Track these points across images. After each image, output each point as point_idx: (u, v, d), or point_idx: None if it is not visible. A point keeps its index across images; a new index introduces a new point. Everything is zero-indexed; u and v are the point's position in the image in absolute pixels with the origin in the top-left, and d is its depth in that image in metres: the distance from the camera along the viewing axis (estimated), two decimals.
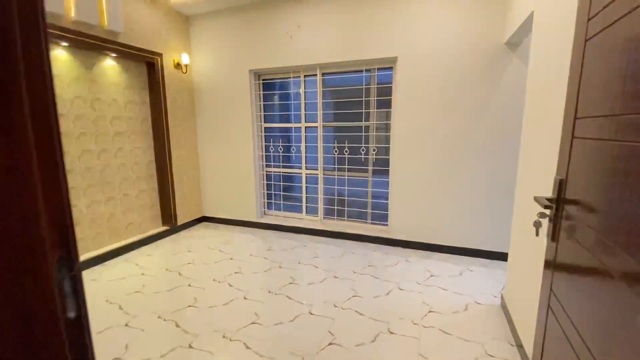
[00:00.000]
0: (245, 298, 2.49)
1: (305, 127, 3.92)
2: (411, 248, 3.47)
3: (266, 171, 4.25)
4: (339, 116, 3.83)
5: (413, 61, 3.16)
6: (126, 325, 2.16)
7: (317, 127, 3.81)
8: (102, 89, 3.21)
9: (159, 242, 3.77)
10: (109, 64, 3.27)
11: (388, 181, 3.56)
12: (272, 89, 4.18)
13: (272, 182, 4.25)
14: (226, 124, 4.15)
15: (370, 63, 3.44)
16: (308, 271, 2.97)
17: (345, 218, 3.89)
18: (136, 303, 2.43)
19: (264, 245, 3.65)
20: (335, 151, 3.78)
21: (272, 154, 4.17)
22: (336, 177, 3.85)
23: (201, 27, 4.05)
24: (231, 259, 3.26)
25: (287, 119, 4.09)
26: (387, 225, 3.67)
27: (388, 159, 3.53)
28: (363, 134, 3.62)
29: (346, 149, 3.71)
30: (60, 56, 2.84)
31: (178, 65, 3.93)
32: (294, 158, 4.09)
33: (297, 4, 3.53)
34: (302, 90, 3.83)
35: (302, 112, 3.88)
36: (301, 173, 4.04)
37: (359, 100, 3.59)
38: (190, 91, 4.20)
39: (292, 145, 4.03)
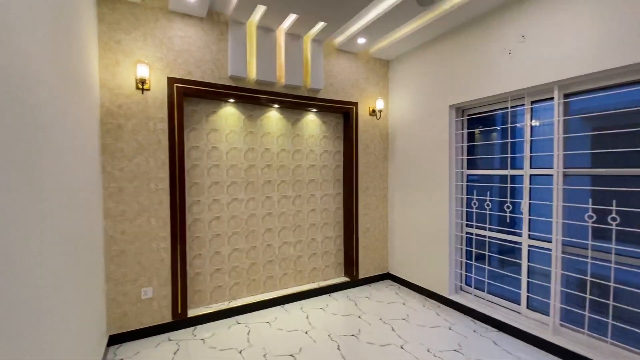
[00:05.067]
0: None
1: (531, 175, 2.65)
2: None
3: (467, 232, 3.21)
4: (601, 158, 2.32)
5: None
6: None
7: (551, 175, 2.48)
8: (302, 141, 3.53)
9: (337, 294, 3.58)
10: (310, 119, 3.57)
11: None
12: (481, 126, 3.21)
13: (474, 249, 3.14)
14: (418, 170, 3.54)
15: None
16: None
17: (608, 338, 2.17)
18: None
19: (451, 339, 2.62)
20: (591, 217, 2.26)
21: (474, 210, 3.12)
22: (589, 259, 2.28)
23: (399, 68, 3.79)
24: (402, 347, 2.50)
25: (501, 164, 2.96)
26: None
27: None
28: None
29: (613, 215, 2.13)
30: (272, 116, 3.35)
31: (373, 112, 3.82)
32: (509, 219, 2.85)
33: (518, 10, 2.55)
34: (526, 123, 2.66)
35: (526, 153, 2.67)
36: (521, 242, 2.73)
37: None
38: (384, 137, 3.96)
39: (505, 201, 2.83)
